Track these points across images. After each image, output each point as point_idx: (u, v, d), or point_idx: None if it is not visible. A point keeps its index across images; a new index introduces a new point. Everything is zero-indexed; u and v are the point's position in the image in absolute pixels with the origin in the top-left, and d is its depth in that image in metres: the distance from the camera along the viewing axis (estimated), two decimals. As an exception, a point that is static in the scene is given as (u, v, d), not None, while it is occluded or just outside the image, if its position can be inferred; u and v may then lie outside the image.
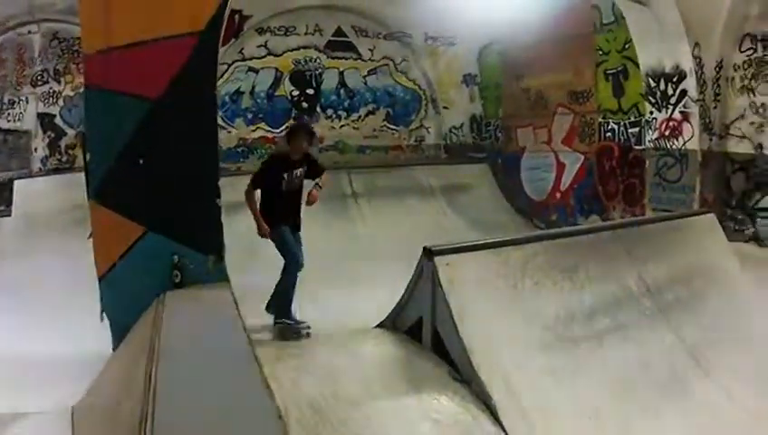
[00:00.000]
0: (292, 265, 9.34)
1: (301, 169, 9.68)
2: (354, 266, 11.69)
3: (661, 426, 6.42)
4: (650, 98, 13.21)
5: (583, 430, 6.13)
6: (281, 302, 9.49)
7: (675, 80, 12.66)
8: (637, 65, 13.59)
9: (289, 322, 9.37)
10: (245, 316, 6.27)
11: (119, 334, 7.08)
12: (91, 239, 7.50)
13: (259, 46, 17.33)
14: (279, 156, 10.15)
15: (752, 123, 12.25)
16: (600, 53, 14.96)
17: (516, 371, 6.40)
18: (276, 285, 9.49)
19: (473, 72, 19.01)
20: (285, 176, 9.45)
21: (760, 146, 12.14)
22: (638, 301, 8.20)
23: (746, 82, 12.33)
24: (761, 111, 12.12)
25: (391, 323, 7.74)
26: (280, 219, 9.42)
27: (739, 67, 12.45)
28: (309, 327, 9.29)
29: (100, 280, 7.36)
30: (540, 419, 6.01)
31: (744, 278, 9.99)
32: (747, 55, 12.27)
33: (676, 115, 12.72)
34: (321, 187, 9.92)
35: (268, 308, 9.64)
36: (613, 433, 6.20)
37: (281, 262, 9.17)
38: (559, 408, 6.28)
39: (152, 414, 4.10)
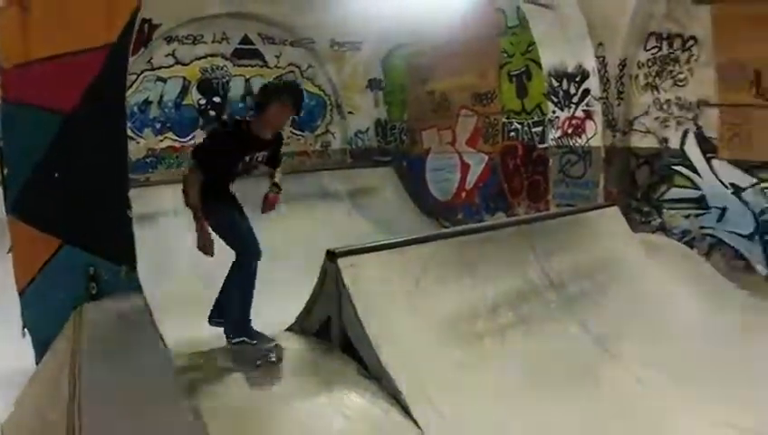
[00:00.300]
0: (250, 254, 7.03)
1: (265, 153, 7.27)
2: (262, 273, 11.47)
3: (571, 413, 6.46)
4: (553, 97, 13.30)
5: (493, 419, 6.12)
6: (236, 313, 7.04)
7: (577, 79, 12.77)
8: (540, 66, 13.64)
9: (251, 341, 6.95)
10: (166, 328, 6.19)
11: (40, 349, 6.84)
12: (10, 254, 7.21)
13: (167, 55, 16.82)
14: (241, 130, 6.98)
15: (656, 119, 12.45)
16: (505, 55, 15.06)
17: (423, 365, 6.50)
18: (225, 291, 7.10)
19: (378, 76, 18.92)
20: (247, 159, 7.08)
21: (665, 140, 12.38)
22: (542, 294, 8.41)
23: (651, 79, 12.52)
24: (665, 107, 12.33)
25: (300, 326, 7.69)
26: (224, 201, 7.12)
27: (643, 65, 12.62)
28: (278, 347, 6.89)
29: (20, 295, 7.13)
30: (450, 410, 6.06)
31: (651, 267, 10.27)
32: (652, 53, 12.43)
33: (579, 113, 12.84)
34: (280, 188, 7.52)
35: (211, 319, 7.21)
36: (523, 421, 6.19)
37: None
38: (468, 399, 6.31)
39: (79, 426, 4.01)
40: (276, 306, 8.07)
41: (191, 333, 7.44)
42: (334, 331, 7.09)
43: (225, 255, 6.96)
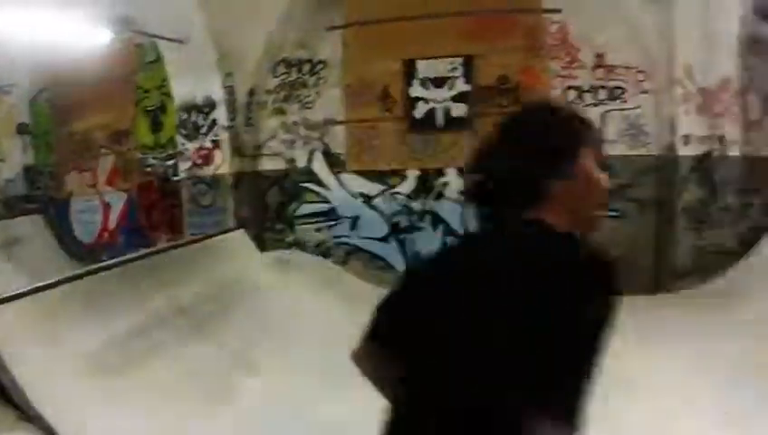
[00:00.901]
0: None
1: None
2: None
3: (216, 427, 6.78)
4: (182, 130, 13.30)
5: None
6: None
7: (206, 111, 12.92)
8: (173, 100, 13.61)
9: None
10: None
11: None
12: None
13: None
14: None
15: (283, 141, 13.01)
16: (141, 90, 14.92)
17: (74, 401, 6.51)
18: None
19: (26, 120, 17.90)
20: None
21: (292, 160, 13.00)
22: (171, 321, 8.49)
23: (278, 104, 13.04)
24: (292, 129, 12.94)
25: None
26: None
27: (272, 91, 13.11)
28: None
29: None
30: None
31: (282, 282, 10.87)
32: (281, 79, 12.97)
33: (207, 144, 12.96)
34: None
35: None
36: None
37: None
38: (117, 425, 6.41)
39: None
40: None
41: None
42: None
43: None
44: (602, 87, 11.67)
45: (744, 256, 10.98)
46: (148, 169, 14.90)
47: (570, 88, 11.76)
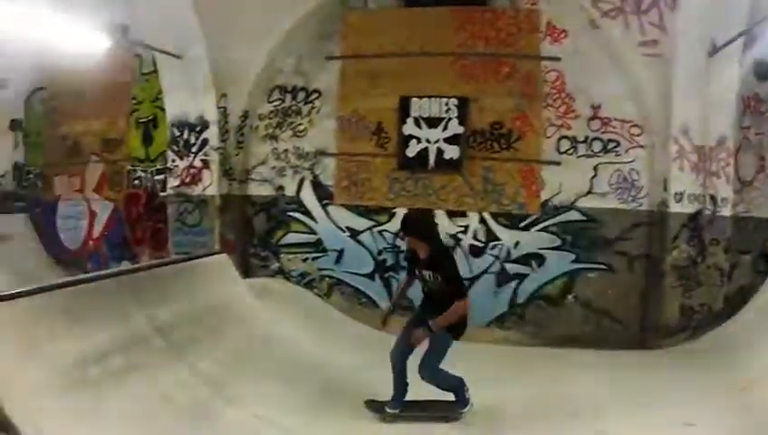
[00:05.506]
0: None
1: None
2: None
3: None
4: (174, 147, 12.55)
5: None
6: None
7: (198, 129, 12.28)
8: (165, 115, 12.86)
9: None
10: None
11: None
12: None
13: None
14: None
15: (273, 168, 12.50)
16: (135, 101, 14.24)
17: (44, 415, 5.96)
18: None
19: (20, 117, 16.83)
20: None
21: (281, 188, 12.46)
22: (149, 341, 7.91)
23: (270, 130, 12.53)
24: (282, 156, 12.44)
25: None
26: None
27: (265, 117, 12.59)
28: None
29: None
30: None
31: (263, 310, 10.28)
32: (274, 105, 12.47)
33: (197, 163, 12.28)
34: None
35: None
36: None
37: None
38: None
39: None
40: None
41: None
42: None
43: None
44: (597, 139, 11.21)
45: (730, 317, 10.52)
46: (136, 182, 14.28)
47: (563, 138, 11.30)
